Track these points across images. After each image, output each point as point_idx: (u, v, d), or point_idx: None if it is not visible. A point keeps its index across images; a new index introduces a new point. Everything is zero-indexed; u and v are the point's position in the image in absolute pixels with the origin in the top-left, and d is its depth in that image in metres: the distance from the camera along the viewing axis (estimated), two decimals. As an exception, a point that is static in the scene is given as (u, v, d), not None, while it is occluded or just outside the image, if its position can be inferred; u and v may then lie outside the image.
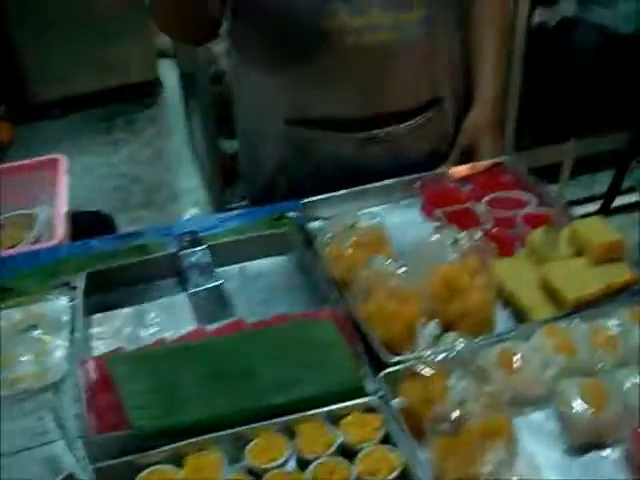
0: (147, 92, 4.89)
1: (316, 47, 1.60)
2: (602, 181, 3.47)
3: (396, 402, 1.15)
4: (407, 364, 1.16)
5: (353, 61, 1.61)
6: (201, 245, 1.52)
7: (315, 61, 1.62)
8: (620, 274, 1.36)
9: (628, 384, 1.16)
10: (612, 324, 1.26)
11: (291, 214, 1.61)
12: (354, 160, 1.72)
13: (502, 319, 1.36)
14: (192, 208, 3.94)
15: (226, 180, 3.51)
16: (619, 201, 3.40)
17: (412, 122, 1.73)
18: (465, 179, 1.71)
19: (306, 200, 1.61)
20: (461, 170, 1.73)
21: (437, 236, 1.30)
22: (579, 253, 1.41)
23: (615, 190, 3.22)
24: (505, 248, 1.48)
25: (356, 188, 1.65)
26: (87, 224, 2.76)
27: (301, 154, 1.75)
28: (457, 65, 1.79)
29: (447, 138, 1.83)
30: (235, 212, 1.71)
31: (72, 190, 3.97)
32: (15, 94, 4.56)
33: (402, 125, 1.72)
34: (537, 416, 1.19)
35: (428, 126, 1.76)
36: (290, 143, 1.75)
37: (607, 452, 1.13)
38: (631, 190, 3.16)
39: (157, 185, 4.15)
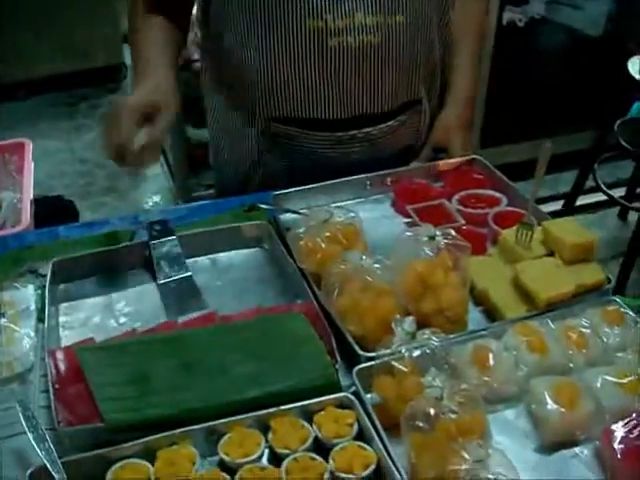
0: (112, 77, 4.82)
1: (298, 46, 1.60)
2: (566, 180, 3.51)
3: (370, 398, 1.15)
4: (382, 360, 1.16)
5: (334, 62, 1.61)
6: (172, 235, 1.50)
7: (297, 60, 1.61)
8: (591, 275, 1.37)
9: (598, 383, 1.18)
10: (583, 324, 1.28)
11: (263, 206, 1.60)
12: (329, 158, 1.73)
13: (474, 317, 1.36)
14: (155, 195, 3.90)
15: (191, 168, 3.49)
16: (582, 200, 3.45)
17: (389, 123, 1.74)
18: (436, 176, 1.72)
19: (277, 192, 1.60)
20: (433, 167, 1.74)
21: (412, 232, 1.30)
22: (551, 253, 1.42)
23: (578, 189, 3.26)
24: (476, 246, 1.48)
25: (328, 182, 1.65)
26: (48, 210, 2.72)
27: (277, 150, 1.74)
28: (436, 67, 1.81)
29: (421, 136, 1.84)
30: (206, 202, 1.70)
31: (33, 175, 3.93)
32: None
33: (379, 126, 1.73)
34: (509, 414, 1.20)
35: (404, 126, 1.78)
36: (267, 139, 1.74)
37: (578, 450, 1.15)
38: (594, 190, 3.20)
39: (120, 171, 4.09)
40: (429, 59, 1.75)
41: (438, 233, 1.29)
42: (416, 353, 1.14)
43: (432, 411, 1.05)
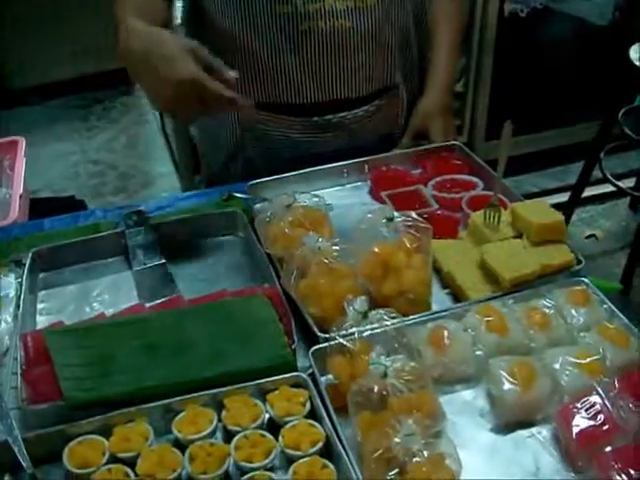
0: (124, 79, 4.82)
1: (270, 31, 1.62)
2: (574, 172, 3.48)
3: (324, 378, 1.16)
4: (336, 340, 1.17)
5: (306, 46, 1.63)
6: (146, 224, 1.53)
7: (269, 45, 1.63)
8: (558, 255, 1.37)
9: (557, 364, 1.18)
10: (546, 304, 1.28)
11: (239, 195, 1.62)
12: (306, 143, 1.75)
13: (441, 299, 1.37)
14: (164, 194, 3.94)
15: (196, 166, 3.51)
16: (589, 192, 3.42)
17: (365, 108, 1.76)
18: (415, 162, 1.73)
19: (254, 182, 1.62)
20: (411, 153, 1.74)
21: (372, 214, 1.31)
22: (519, 235, 1.42)
23: (585, 180, 3.23)
24: (449, 230, 1.50)
25: (305, 170, 1.66)
26: (60, 209, 2.76)
27: (255, 136, 1.76)
28: (411, 53, 1.82)
29: (398, 124, 1.85)
30: (187, 193, 1.72)
31: (47, 176, 3.99)
32: (-10, 81, 4.56)
33: (354, 111, 1.75)
34: (466, 394, 1.20)
35: (380, 112, 1.79)
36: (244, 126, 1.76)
37: (535, 430, 1.15)
38: (601, 181, 3.18)
39: (131, 172, 4.15)
40: (405, 45, 1.76)
41: (396, 215, 1.29)
42: (366, 333, 1.15)
43: (376, 388, 1.06)
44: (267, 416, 1.14)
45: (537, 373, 1.15)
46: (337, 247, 1.29)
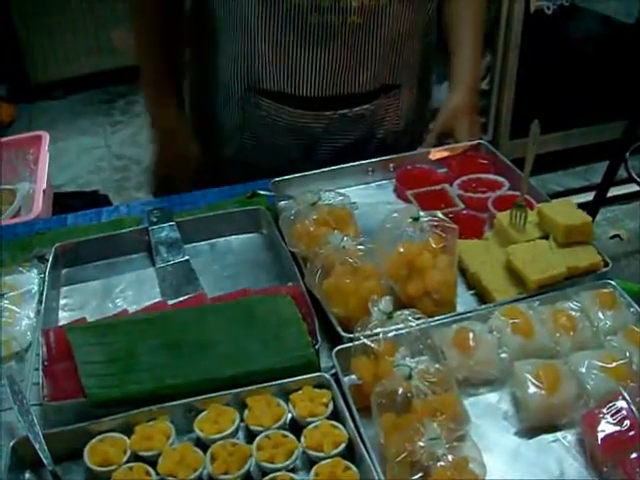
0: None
1: (279, 21, 1.60)
2: (599, 171, 3.45)
3: (347, 379, 1.15)
4: (361, 341, 1.16)
5: (313, 39, 1.61)
6: (170, 221, 1.52)
7: (277, 35, 1.62)
8: (585, 257, 1.35)
9: (583, 367, 1.16)
10: (573, 307, 1.26)
11: (263, 192, 1.61)
12: (305, 134, 1.75)
13: (466, 301, 1.36)
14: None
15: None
16: (614, 191, 3.38)
17: (366, 106, 1.75)
18: (441, 161, 1.71)
19: (278, 179, 1.61)
20: (437, 152, 1.73)
21: (397, 214, 1.29)
22: (546, 236, 1.40)
23: (610, 180, 3.19)
24: (475, 230, 1.48)
25: (329, 168, 1.65)
26: (84, 204, 2.78)
27: (257, 120, 1.76)
28: (418, 54, 1.80)
29: (397, 126, 1.84)
30: (211, 190, 1.71)
31: (71, 170, 4.00)
32: (16, 75, 4.57)
33: (355, 109, 1.75)
34: (491, 397, 1.19)
35: (380, 111, 1.79)
36: (248, 110, 1.76)
37: (560, 435, 1.13)
38: (627, 181, 3.14)
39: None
40: (412, 43, 1.74)
41: (422, 214, 1.28)
42: (391, 334, 1.13)
43: (400, 390, 1.05)
44: (289, 416, 1.13)
45: (563, 377, 1.14)
46: (362, 247, 1.28)
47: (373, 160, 1.69)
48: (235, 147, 1.83)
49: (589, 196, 3.28)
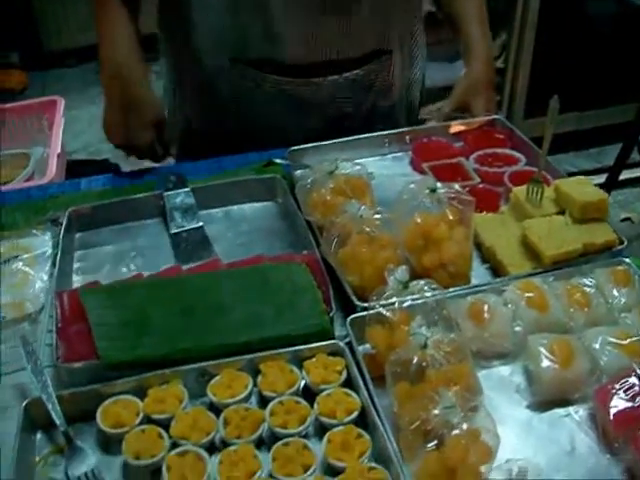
0: (156, 45, 4.85)
1: None
2: (611, 154, 3.44)
3: (361, 347, 1.15)
4: (376, 310, 1.15)
5: (298, 5, 1.58)
6: (185, 187, 1.52)
7: (260, 2, 1.58)
8: (601, 234, 1.35)
9: (597, 343, 1.16)
10: (587, 283, 1.26)
11: (279, 161, 1.60)
12: (294, 102, 1.71)
13: (481, 274, 1.36)
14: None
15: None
16: (626, 174, 3.37)
17: (355, 72, 1.71)
18: (457, 135, 1.70)
19: (294, 148, 1.61)
20: (454, 126, 1.72)
21: (414, 184, 1.29)
22: (562, 211, 1.40)
23: (622, 163, 3.18)
24: (490, 204, 1.48)
25: (346, 138, 1.65)
26: (94, 172, 2.78)
27: (245, 92, 1.72)
28: (410, 18, 1.77)
29: (391, 92, 1.81)
30: (225, 157, 1.70)
31: (81, 139, 3.98)
32: (29, 42, 4.55)
33: (345, 74, 1.70)
34: (503, 370, 1.19)
35: (370, 77, 1.74)
36: (234, 81, 1.71)
37: (572, 410, 1.13)
38: (639, 164, 3.13)
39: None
40: (402, 9, 1.72)
41: (440, 186, 1.27)
42: (407, 303, 1.13)
43: (415, 359, 1.05)
44: (303, 383, 1.13)
45: (576, 352, 1.14)
46: (379, 216, 1.27)
47: (389, 132, 1.69)
48: (229, 118, 1.78)
49: (601, 178, 3.28)
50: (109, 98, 1.61)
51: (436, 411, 0.96)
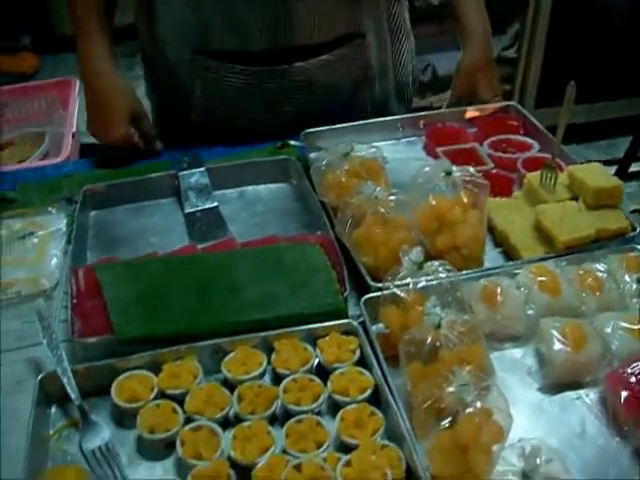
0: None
1: None
2: (621, 146, 3.43)
3: (375, 327, 1.16)
4: (390, 290, 1.16)
5: None
6: (200, 167, 1.53)
7: None
8: (614, 221, 1.35)
9: (609, 328, 1.16)
10: (600, 269, 1.27)
11: (293, 143, 1.61)
12: (263, 91, 1.67)
13: (493, 257, 1.37)
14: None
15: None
16: (636, 167, 3.37)
17: (324, 57, 1.65)
18: (471, 121, 1.71)
19: (308, 130, 1.61)
20: (468, 112, 1.72)
21: (430, 167, 1.29)
22: (575, 197, 1.40)
23: (632, 155, 3.18)
24: (504, 189, 1.48)
25: (360, 122, 1.65)
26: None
27: (210, 84, 1.68)
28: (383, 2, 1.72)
29: (366, 75, 1.74)
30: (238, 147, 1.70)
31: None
32: (41, 26, 4.53)
33: (313, 60, 1.64)
34: (515, 352, 1.19)
35: (344, 61, 1.68)
36: (198, 74, 1.67)
37: (583, 393, 1.14)
38: (652, 156, 3.13)
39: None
40: None
41: (455, 169, 1.28)
42: (421, 284, 1.14)
43: (429, 339, 1.06)
44: (316, 361, 1.14)
45: (588, 336, 1.14)
46: (394, 197, 1.28)
47: (403, 116, 1.70)
48: (197, 111, 1.75)
49: (611, 170, 3.25)
50: (85, 95, 1.68)
51: (450, 389, 0.97)
